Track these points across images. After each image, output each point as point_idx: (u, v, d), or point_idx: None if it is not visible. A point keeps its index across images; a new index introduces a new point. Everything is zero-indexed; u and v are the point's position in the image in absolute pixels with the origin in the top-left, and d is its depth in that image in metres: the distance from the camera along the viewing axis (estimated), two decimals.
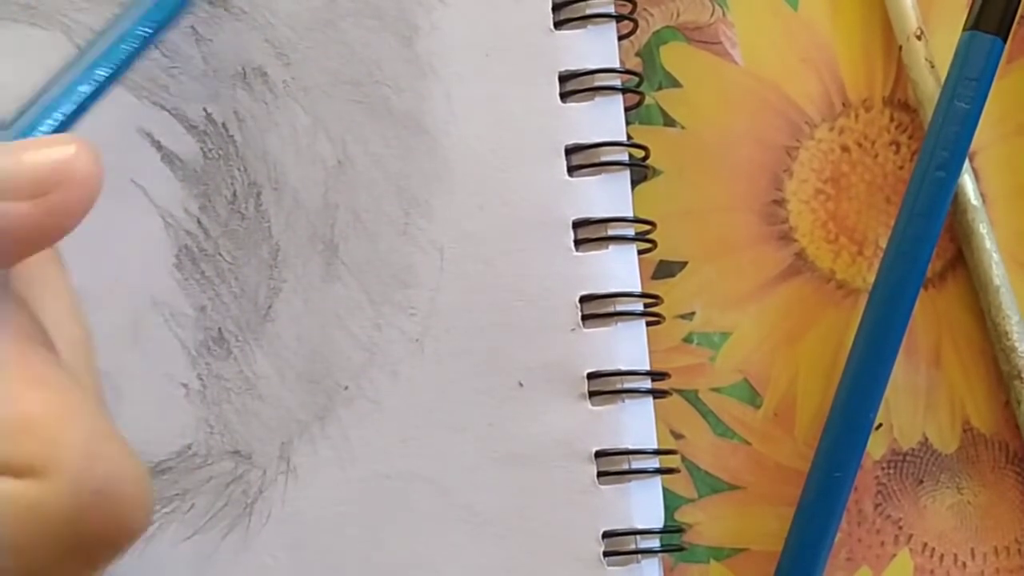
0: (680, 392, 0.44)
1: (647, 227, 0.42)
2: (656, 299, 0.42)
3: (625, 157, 0.42)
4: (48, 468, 0.27)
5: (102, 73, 0.35)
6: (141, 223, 0.41)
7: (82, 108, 0.34)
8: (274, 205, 0.41)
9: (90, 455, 0.27)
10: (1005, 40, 0.42)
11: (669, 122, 0.45)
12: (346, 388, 0.41)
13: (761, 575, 0.44)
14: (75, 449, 0.27)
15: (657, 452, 0.42)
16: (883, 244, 0.44)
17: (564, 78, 0.42)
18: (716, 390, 0.44)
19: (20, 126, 0.33)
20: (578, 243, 0.41)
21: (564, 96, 0.42)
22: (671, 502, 0.43)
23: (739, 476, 0.44)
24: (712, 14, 0.45)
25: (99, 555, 0.28)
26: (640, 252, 0.42)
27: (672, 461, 0.43)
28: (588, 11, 0.42)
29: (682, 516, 0.44)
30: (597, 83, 0.42)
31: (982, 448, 0.44)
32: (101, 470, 0.27)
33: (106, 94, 0.35)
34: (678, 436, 0.44)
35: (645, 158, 0.43)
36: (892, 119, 0.45)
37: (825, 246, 0.45)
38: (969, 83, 0.42)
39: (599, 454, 0.41)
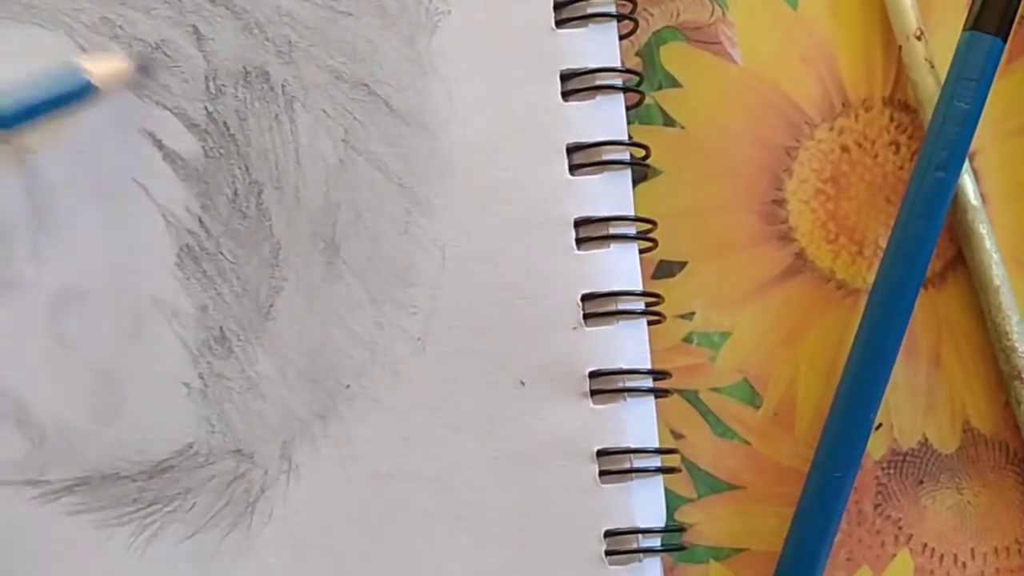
0: (680, 392, 0.44)
1: (648, 226, 0.42)
2: (657, 298, 0.42)
3: (627, 156, 0.42)
4: None
5: None
6: (142, 222, 0.41)
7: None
8: (275, 204, 0.41)
9: None
10: (1005, 40, 0.42)
11: (669, 122, 0.45)
12: (348, 387, 0.41)
13: (761, 575, 0.44)
14: None
15: (659, 451, 0.42)
16: (883, 244, 0.44)
17: (565, 77, 0.42)
18: (716, 390, 0.44)
19: None
20: (580, 241, 0.41)
21: (565, 95, 0.42)
22: (671, 502, 0.43)
23: (739, 476, 0.44)
24: (712, 14, 0.45)
25: None
26: (641, 251, 0.42)
27: (673, 460, 0.43)
28: (589, 10, 0.42)
29: (682, 516, 0.44)
30: (598, 82, 0.42)
31: (982, 448, 0.44)
32: None
33: None
34: (678, 436, 0.44)
35: (646, 157, 0.43)
36: (892, 119, 0.45)
37: (825, 246, 0.45)
38: (969, 83, 0.42)
39: (601, 453, 0.41)
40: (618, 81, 0.42)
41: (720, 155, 0.45)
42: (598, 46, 0.42)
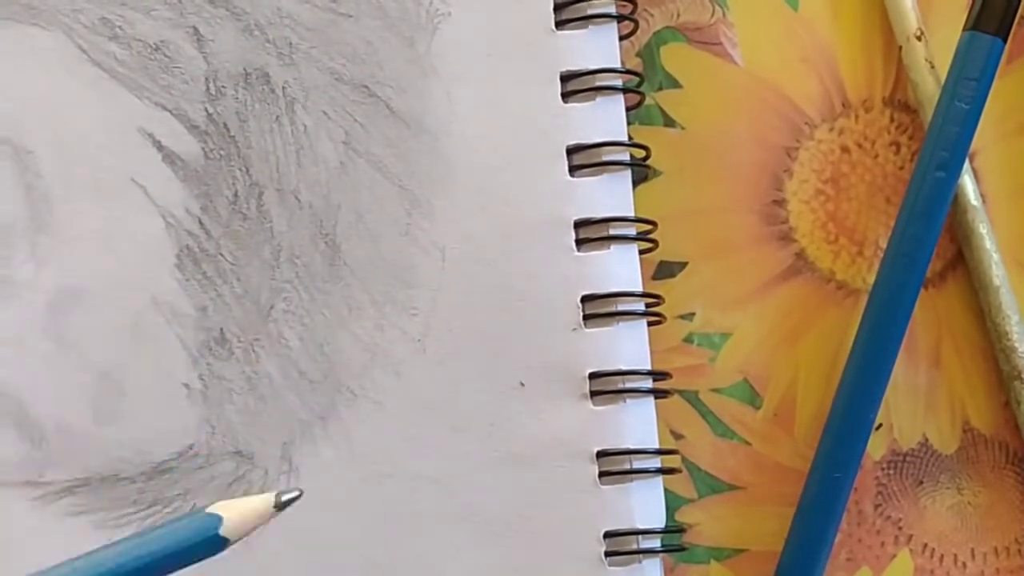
0: (680, 392, 0.44)
1: (648, 227, 0.42)
2: (657, 299, 0.42)
3: (626, 157, 0.42)
4: None
5: None
6: (142, 223, 0.41)
7: None
8: (276, 205, 0.41)
9: None
10: (1005, 40, 0.42)
11: (669, 122, 0.45)
12: (348, 388, 0.41)
13: (761, 575, 0.44)
14: None
15: (659, 452, 0.42)
16: (883, 244, 0.44)
17: (565, 78, 0.42)
18: (716, 390, 0.44)
19: None
20: (579, 243, 0.41)
21: (565, 96, 0.42)
22: (671, 502, 0.43)
23: (739, 476, 0.44)
24: (712, 14, 0.45)
25: None
26: (641, 252, 0.42)
27: (673, 461, 0.43)
28: (589, 11, 0.42)
29: (682, 516, 0.44)
30: (598, 83, 0.42)
31: (982, 448, 0.45)
32: None
33: None
34: (678, 436, 0.44)
35: (646, 158, 0.43)
36: (892, 119, 0.45)
37: (825, 246, 0.45)
38: (969, 83, 0.42)
39: (600, 454, 0.41)
40: (618, 82, 0.42)
41: (720, 156, 0.45)
42: (598, 47, 0.42)
